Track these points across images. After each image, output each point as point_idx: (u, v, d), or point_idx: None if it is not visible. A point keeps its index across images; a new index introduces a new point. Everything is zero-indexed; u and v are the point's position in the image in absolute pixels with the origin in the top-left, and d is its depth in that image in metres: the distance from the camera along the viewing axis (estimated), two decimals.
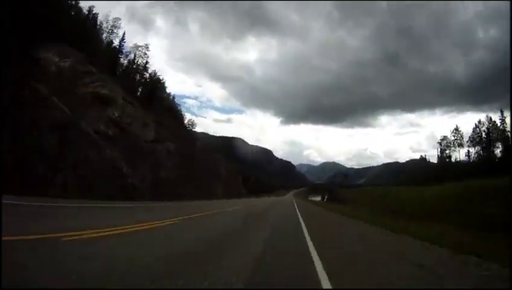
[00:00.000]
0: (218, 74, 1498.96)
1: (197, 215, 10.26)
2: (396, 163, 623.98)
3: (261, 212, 15.45)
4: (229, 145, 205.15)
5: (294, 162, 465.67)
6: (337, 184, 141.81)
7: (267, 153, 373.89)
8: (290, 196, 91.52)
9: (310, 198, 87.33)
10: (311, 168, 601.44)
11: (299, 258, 4.07)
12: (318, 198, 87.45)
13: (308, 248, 4.92)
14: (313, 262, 3.80)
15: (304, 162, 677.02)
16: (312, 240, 5.74)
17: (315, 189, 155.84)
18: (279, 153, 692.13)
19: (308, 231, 7.04)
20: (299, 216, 12.83)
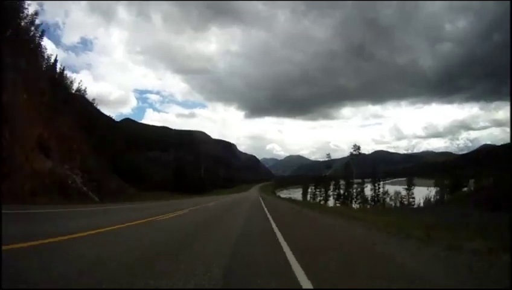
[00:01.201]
0: (181, 67, 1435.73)
1: None
2: (363, 155, 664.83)
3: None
4: (189, 140, 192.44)
5: (259, 156, 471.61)
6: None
7: (230, 147, 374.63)
8: (255, 192, 76.01)
9: (278, 193, 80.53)
10: (276, 162, 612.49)
11: None
12: (294, 194, 73.72)
13: None
14: None
15: (269, 156, 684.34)
16: None
17: (281, 183, 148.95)
18: (242, 147, 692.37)
19: None
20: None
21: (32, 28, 22.87)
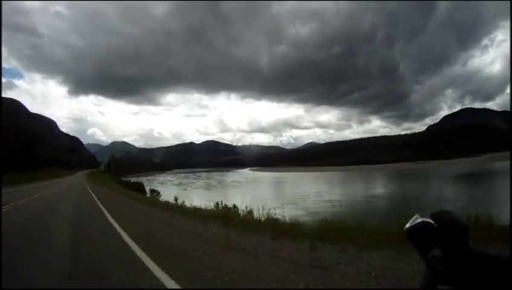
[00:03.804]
0: None
1: None
2: (192, 144, 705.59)
3: None
4: None
5: (84, 141, 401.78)
6: None
7: (51, 125, 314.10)
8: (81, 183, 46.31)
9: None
10: (100, 148, 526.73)
11: None
12: None
13: None
14: None
15: (92, 141, 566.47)
16: None
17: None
18: (64, 129, 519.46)
19: None
20: None
21: None
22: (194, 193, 40.27)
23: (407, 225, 0.72)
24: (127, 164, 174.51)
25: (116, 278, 3.38)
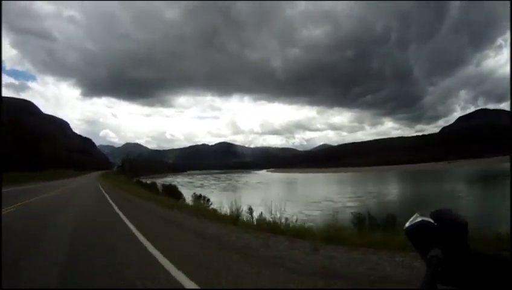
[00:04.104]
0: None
1: None
2: (204, 146, 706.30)
3: None
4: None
5: (96, 142, 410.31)
6: None
7: (63, 126, 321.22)
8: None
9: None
10: (113, 149, 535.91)
11: None
12: None
13: None
14: None
15: (105, 143, 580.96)
16: None
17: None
18: (77, 130, 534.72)
19: None
20: None
21: None
22: (233, 196, 32.69)
23: (407, 224, 0.71)
24: (141, 165, 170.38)
25: None
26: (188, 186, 61.77)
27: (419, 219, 0.69)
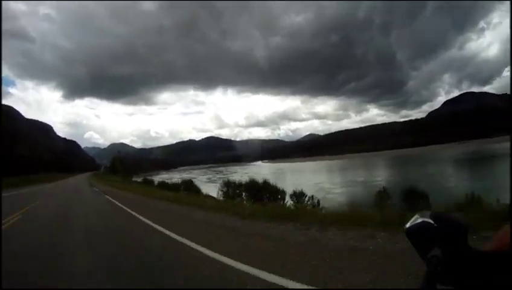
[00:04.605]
0: None
1: None
2: (192, 141, 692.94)
3: None
4: None
5: (81, 144, 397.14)
6: None
7: (46, 129, 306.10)
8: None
9: None
10: (99, 150, 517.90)
11: None
12: None
13: None
14: None
15: (90, 145, 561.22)
16: None
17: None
18: (61, 133, 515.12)
19: None
20: None
21: None
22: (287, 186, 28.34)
23: (407, 225, 0.71)
24: (131, 163, 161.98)
25: None
26: (196, 182, 56.53)
27: (419, 220, 0.68)
